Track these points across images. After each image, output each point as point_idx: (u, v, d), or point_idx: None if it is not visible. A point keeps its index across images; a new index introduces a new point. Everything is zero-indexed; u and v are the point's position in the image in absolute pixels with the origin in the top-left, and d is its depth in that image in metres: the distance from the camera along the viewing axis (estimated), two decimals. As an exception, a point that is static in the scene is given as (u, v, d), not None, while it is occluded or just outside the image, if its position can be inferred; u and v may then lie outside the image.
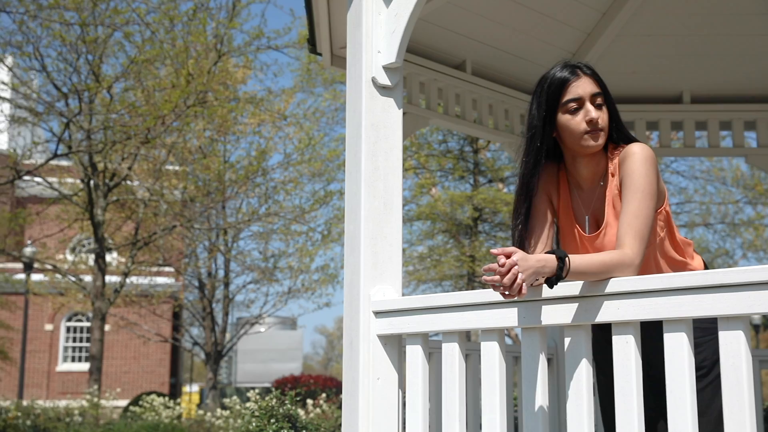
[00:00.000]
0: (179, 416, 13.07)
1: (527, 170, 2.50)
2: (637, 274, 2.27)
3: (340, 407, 10.07)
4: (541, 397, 2.38)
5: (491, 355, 2.50)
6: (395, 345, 2.86)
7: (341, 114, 18.06)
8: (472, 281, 15.54)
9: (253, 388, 13.56)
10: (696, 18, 4.70)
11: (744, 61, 4.93)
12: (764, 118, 5.03)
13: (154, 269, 20.40)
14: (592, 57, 4.62)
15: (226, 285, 20.10)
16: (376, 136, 2.99)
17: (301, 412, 9.90)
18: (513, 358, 4.20)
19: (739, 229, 18.17)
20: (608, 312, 2.23)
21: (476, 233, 15.77)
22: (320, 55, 4.23)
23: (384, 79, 3.01)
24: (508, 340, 14.99)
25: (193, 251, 20.14)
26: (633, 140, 2.49)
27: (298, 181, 17.98)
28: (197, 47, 13.89)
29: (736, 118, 5.04)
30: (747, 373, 2.01)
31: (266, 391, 18.08)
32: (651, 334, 2.34)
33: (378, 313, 2.84)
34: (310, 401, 10.81)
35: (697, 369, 2.36)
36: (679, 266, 2.53)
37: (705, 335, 2.41)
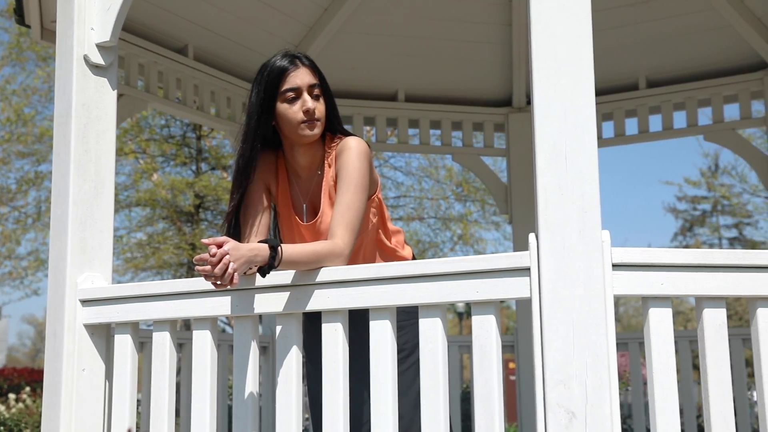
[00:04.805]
0: None
1: (244, 157, 2.50)
2: (348, 263, 2.35)
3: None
4: (252, 385, 2.40)
5: (203, 343, 2.48)
6: (103, 335, 2.76)
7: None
8: (192, 269, 15.30)
9: (-53, 384, 12.48)
10: (410, 20, 4.94)
11: (451, 64, 5.24)
12: (468, 120, 5.39)
13: None
14: (314, 50, 4.72)
15: None
16: (87, 117, 2.85)
17: (1, 407, 9.27)
18: (229, 347, 4.19)
19: (450, 223, 19.26)
20: (319, 300, 2.29)
21: (198, 221, 15.53)
22: (29, 27, 3.96)
23: (97, 58, 2.88)
24: (230, 330, 14.94)
25: None
26: (348, 134, 2.57)
27: (6, 161, 16.70)
28: None
29: (445, 117, 5.36)
30: (443, 357, 2.15)
31: (-38, 386, 16.67)
32: (358, 322, 2.44)
33: (85, 302, 2.72)
34: (12, 396, 10.19)
35: (399, 351, 2.48)
36: (389, 253, 2.64)
37: (408, 319, 2.53)
